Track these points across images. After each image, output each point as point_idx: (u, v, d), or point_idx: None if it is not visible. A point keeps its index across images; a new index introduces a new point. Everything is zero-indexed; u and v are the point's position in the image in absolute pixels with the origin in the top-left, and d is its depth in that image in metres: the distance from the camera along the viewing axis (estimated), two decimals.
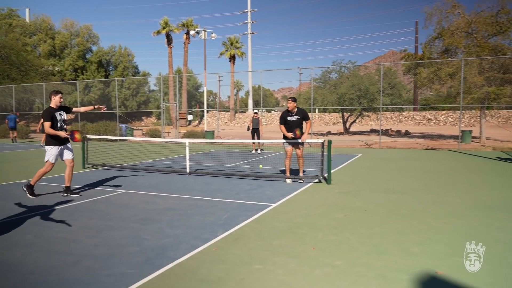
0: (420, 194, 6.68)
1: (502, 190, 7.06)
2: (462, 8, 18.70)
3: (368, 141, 19.78)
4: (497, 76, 17.69)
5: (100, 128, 22.48)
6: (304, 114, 7.89)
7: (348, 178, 8.53)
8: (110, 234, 4.49)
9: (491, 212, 5.43)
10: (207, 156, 13.32)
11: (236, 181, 8.17)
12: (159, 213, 5.49)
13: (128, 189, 7.34)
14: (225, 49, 49.97)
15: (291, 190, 7.09)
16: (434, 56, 20.08)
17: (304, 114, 7.90)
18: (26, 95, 32.10)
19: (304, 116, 7.85)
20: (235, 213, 5.44)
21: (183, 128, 27.27)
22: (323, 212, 5.48)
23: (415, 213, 5.39)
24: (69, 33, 51.78)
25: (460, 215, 5.25)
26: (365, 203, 6.01)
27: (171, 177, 8.73)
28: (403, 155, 13.66)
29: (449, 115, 40.80)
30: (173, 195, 6.74)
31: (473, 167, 10.35)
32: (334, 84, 24.83)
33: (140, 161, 11.78)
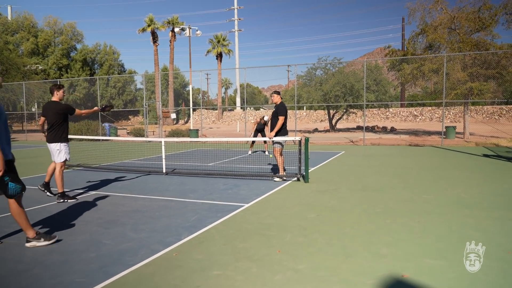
0: (397, 192, 6.56)
1: (480, 186, 6.99)
2: (445, 4, 18.75)
3: (353, 138, 19.73)
4: (480, 71, 17.77)
5: (82, 128, 22.03)
6: (278, 109, 7.60)
7: (327, 176, 8.39)
8: (68, 239, 4.25)
9: (466, 209, 5.32)
10: (188, 155, 13.09)
11: (212, 180, 7.96)
12: (125, 215, 5.26)
13: (99, 190, 7.08)
14: (212, 47, 49.61)
15: (267, 189, 6.92)
16: (418, 52, 20.10)
17: (278, 108, 7.60)
18: (7, 95, 31.34)
19: (276, 110, 7.60)
20: (205, 214, 5.24)
21: (168, 127, 26.93)
22: (296, 212, 5.31)
23: (389, 211, 5.26)
24: (52, 31, 50.86)
25: (435, 213, 5.13)
26: (340, 202, 5.86)
27: (146, 178, 8.49)
28: (386, 151, 13.60)
29: (435, 111, 41.10)
30: (145, 196, 6.51)
31: (454, 163, 10.31)
32: (319, 81, 24.73)
33: (118, 161, 11.49)
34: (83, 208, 5.73)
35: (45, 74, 47.32)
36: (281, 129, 7.67)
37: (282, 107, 7.63)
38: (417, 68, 18.62)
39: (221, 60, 49.76)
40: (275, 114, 7.64)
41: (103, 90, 52.00)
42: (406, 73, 18.96)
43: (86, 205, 5.90)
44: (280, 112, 7.58)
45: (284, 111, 7.61)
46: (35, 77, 41.18)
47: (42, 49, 49.48)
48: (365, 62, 18.85)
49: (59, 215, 5.35)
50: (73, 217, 5.20)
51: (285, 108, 7.66)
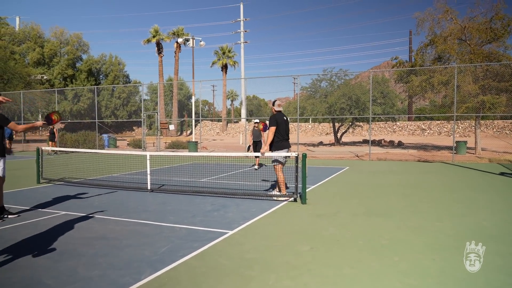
0: (406, 217, 5.71)
1: (502, 212, 6.11)
2: (455, 13, 17.99)
3: (359, 153, 18.86)
4: (492, 84, 16.90)
5: (79, 139, 21.44)
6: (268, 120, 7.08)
7: (327, 196, 7.56)
8: (3, 276, 3.48)
9: (491, 242, 4.46)
10: (181, 169, 12.33)
11: (199, 199, 7.17)
12: (87, 243, 4.48)
13: (70, 210, 6.33)
14: (217, 58, 49.27)
15: (258, 211, 6.11)
16: (427, 64, 19.31)
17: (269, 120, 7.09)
18: (8, 104, 30.97)
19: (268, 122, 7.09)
20: (179, 244, 4.44)
21: (169, 138, 26.27)
22: (287, 243, 4.50)
23: (397, 244, 4.42)
24: (58, 42, 50.94)
25: (453, 248, 4.27)
26: (340, 230, 5.03)
27: (128, 195, 7.72)
28: (393, 168, 12.72)
29: (443, 125, 40.08)
30: (118, 218, 5.73)
31: (469, 182, 9.42)
32: (324, 93, 24.00)
33: (105, 174, 10.76)
34: (41, 231, 4.97)
35: (50, 84, 47.21)
36: (276, 143, 6.98)
37: (271, 118, 6.98)
38: (426, 80, 17.81)
39: (226, 71, 49.35)
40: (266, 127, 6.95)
41: (107, 101, 51.73)
42: (414, 85, 18.13)
43: (46, 228, 5.13)
44: (269, 124, 6.95)
45: (272, 121, 6.91)
46: (39, 87, 41.03)
47: (47, 59, 49.46)
48: (371, 73, 18.10)
49: (8, 240, 4.59)
50: (24, 244, 4.43)
51: (275, 118, 6.94)
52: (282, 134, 6.99)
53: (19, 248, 4.34)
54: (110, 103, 52.22)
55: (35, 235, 4.87)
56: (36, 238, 4.73)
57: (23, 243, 4.51)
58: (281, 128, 6.95)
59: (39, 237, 4.76)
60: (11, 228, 5.19)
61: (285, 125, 7.06)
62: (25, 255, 4.10)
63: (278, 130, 6.93)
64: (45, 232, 5.00)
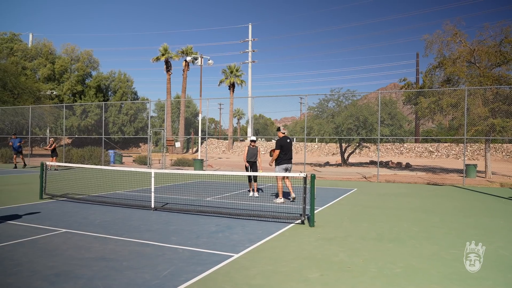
0: (419, 244, 5.45)
1: None
2: (464, 36, 17.95)
3: (366, 174, 18.57)
4: (502, 107, 16.70)
5: (85, 154, 21.41)
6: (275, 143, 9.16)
7: (336, 218, 7.31)
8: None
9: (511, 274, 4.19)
10: (186, 187, 12.14)
11: (204, 219, 6.97)
12: (85, 264, 4.29)
13: (71, 227, 6.15)
14: (225, 77, 49.63)
15: (264, 234, 5.88)
16: (435, 86, 19.18)
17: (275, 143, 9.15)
18: (16, 118, 31.23)
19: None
20: (182, 267, 4.23)
21: (174, 156, 26.19)
22: (294, 269, 4.27)
23: (412, 273, 4.17)
24: (69, 58, 51.79)
25: (472, 279, 4.00)
26: (350, 256, 4.79)
27: (131, 213, 7.54)
28: (403, 190, 12.43)
29: (451, 148, 39.63)
30: (119, 237, 5.54)
31: (482, 207, 9.11)
32: (331, 113, 23.90)
33: (109, 191, 10.61)
34: (39, 250, 4.79)
35: (59, 100, 47.73)
36: (278, 160, 9.03)
37: (277, 142, 9.08)
38: (435, 102, 17.64)
39: (233, 90, 49.62)
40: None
41: (115, 117, 52.08)
42: (423, 107, 17.95)
43: (45, 247, 4.95)
44: (275, 146, 9.08)
45: (278, 145, 9.03)
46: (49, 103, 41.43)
47: (58, 75, 50.19)
48: (379, 94, 17.99)
49: (4, 258, 4.41)
50: (20, 263, 4.25)
51: (280, 143, 9.03)
52: (285, 154, 9.06)
53: (14, 267, 4.16)
54: (117, 119, 52.54)
55: (32, 254, 4.69)
56: (33, 257, 4.55)
57: (19, 262, 4.33)
58: (284, 149, 9.04)
59: (36, 256, 4.57)
60: (8, 246, 5.02)
61: (288, 146, 9.11)
62: (20, 275, 3.91)
63: (282, 150, 9.01)
64: (43, 251, 4.82)
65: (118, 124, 52.36)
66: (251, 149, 10.32)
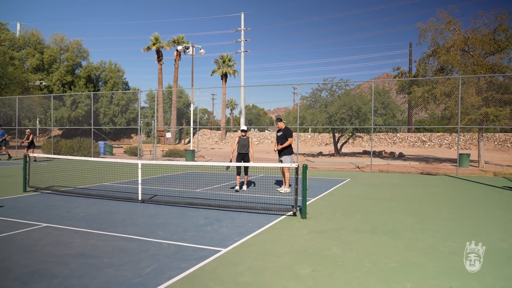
0: (415, 236, 5.27)
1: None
2: (458, 24, 17.73)
3: (359, 164, 18.44)
4: (496, 96, 16.57)
5: (74, 146, 20.99)
6: (286, 132, 9.16)
7: (329, 210, 7.12)
8: None
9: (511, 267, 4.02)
10: (176, 178, 11.88)
11: (192, 212, 6.73)
12: (63, 262, 4.03)
13: (53, 221, 5.88)
14: (217, 67, 49.04)
15: (254, 227, 5.66)
16: (429, 75, 19.00)
17: (286, 131, 9.18)
18: (4, 109, 30.59)
19: (286, 133, 9.13)
20: (166, 264, 4.00)
21: (166, 146, 25.85)
22: (285, 264, 4.05)
23: (408, 268, 3.98)
24: (58, 48, 50.77)
25: (473, 274, 3.82)
26: (344, 250, 4.59)
27: (118, 206, 7.28)
28: (396, 180, 12.29)
29: (444, 137, 39.72)
30: (102, 232, 5.29)
31: (477, 197, 8.98)
32: (324, 103, 23.66)
33: (95, 183, 10.31)
34: (16, 246, 4.52)
35: (49, 91, 46.88)
36: (289, 149, 9.10)
37: (290, 130, 9.22)
38: (429, 91, 17.47)
39: (226, 80, 49.10)
40: (284, 136, 9.05)
41: (106, 108, 51.36)
42: (416, 96, 17.78)
43: (22, 243, 4.69)
44: (289, 135, 9.06)
45: (292, 133, 9.19)
46: (38, 93, 40.64)
47: (47, 65, 49.23)
48: (373, 83, 17.75)
49: None
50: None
51: (291, 131, 9.26)
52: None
53: None
54: (108, 110, 51.83)
55: (8, 251, 4.42)
56: (8, 254, 4.28)
57: None
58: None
59: (11, 253, 4.31)
60: None
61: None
62: None
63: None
64: (19, 247, 4.55)
65: (109, 115, 51.66)
66: (242, 140, 9.50)
